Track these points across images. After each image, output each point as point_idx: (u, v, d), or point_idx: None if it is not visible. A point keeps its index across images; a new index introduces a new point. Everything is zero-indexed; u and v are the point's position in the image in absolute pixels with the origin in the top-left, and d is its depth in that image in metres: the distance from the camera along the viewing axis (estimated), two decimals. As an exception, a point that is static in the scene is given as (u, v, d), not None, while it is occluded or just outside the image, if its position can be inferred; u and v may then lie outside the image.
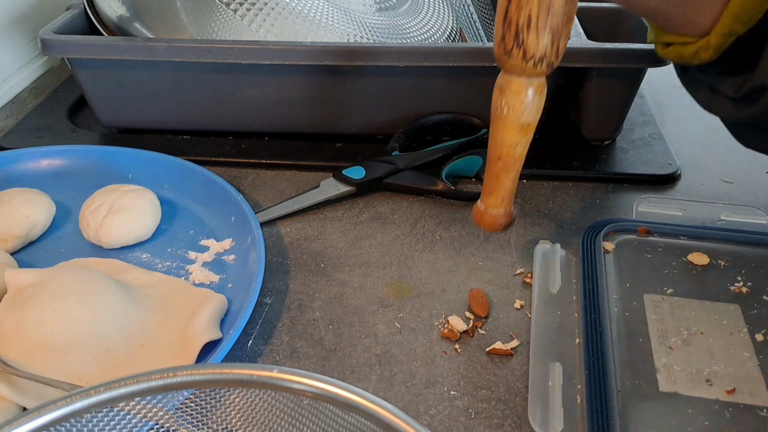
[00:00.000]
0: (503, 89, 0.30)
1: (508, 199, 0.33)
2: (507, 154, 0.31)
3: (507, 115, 0.30)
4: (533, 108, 0.30)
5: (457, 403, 0.32)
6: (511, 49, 0.29)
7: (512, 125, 0.31)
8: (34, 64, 0.67)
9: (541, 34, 0.28)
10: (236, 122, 0.53)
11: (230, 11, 0.49)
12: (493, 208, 0.33)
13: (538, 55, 0.29)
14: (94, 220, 0.41)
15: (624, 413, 0.30)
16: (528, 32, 0.28)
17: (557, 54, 0.29)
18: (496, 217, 0.33)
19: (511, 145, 0.31)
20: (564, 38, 0.29)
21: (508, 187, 0.33)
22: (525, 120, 0.30)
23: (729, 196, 0.47)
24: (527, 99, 0.30)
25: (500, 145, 0.31)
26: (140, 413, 0.25)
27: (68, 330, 0.33)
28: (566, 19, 0.28)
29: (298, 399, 0.25)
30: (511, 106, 0.30)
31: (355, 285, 0.40)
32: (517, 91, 0.30)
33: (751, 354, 0.33)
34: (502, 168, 0.32)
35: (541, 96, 0.30)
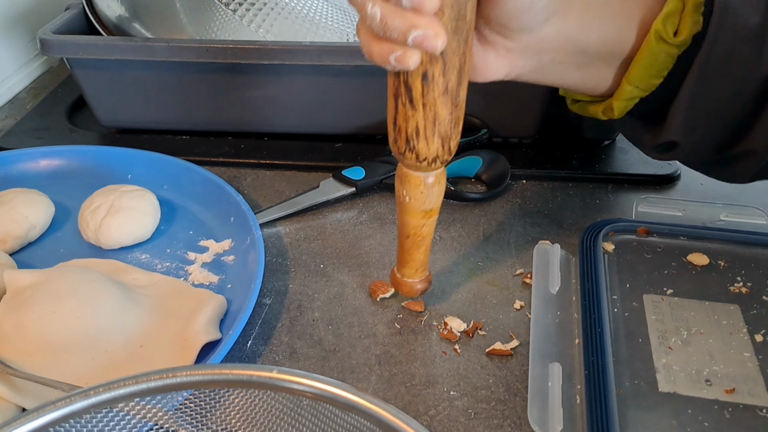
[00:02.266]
0: (403, 181, 0.32)
1: (421, 268, 0.36)
2: (414, 234, 0.33)
3: (409, 203, 0.32)
4: (433, 196, 0.32)
5: (457, 403, 0.32)
6: (404, 152, 0.30)
7: (415, 212, 0.32)
8: (33, 64, 0.67)
9: (430, 141, 0.29)
10: (236, 122, 0.53)
11: (229, 11, 0.49)
12: (408, 277, 0.36)
13: (430, 157, 0.30)
14: (94, 220, 0.41)
15: (623, 413, 0.30)
16: (418, 140, 0.29)
17: (450, 152, 0.30)
18: (411, 285, 0.36)
19: (417, 227, 0.33)
20: (455, 138, 0.30)
21: (420, 259, 0.35)
22: (426, 207, 0.32)
23: (729, 196, 0.47)
24: (426, 189, 0.31)
25: (406, 227, 0.33)
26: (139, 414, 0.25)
27: (67, 330, 0.33)
28: (454, 125, 0.29)
29: (298, 399, 0.25)
30: (411, 196, 0.32)
31: (355, 285, 0.40)
32: (416, 184, 0.31)
33: (751, 354, 0.33)
34: (412, 245, 0.34)
35: (440, 185, 0.32)
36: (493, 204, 0.46)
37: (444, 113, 0.28)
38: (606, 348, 0.33)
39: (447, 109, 0.28)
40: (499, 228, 0.44)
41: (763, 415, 0.30)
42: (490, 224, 0.45)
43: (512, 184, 0.48)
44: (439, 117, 0.28)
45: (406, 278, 0.36)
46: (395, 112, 0.28)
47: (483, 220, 0.45)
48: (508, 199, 0.47)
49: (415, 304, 0.38)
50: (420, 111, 0.28)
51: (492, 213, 0.46)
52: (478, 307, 0.38)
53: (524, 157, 0.51)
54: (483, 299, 0.38)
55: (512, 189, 0.48)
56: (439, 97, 0.27)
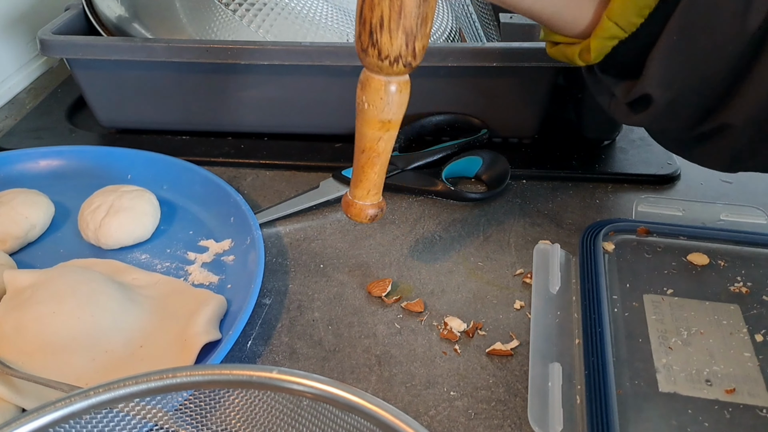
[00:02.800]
0: (363, 85, 0.30)
1: (374, 191, 0.34)
2: (370, 148, 0.32)
3: (367, 110, 0.30)
4: (394, 105, 0.30)
5: (457, 403, 0.32)
6: (367, 47, 0.29)
7: (373, 121, 0.31)
8: (33, 65, 0.67)
9: (394, 35, 0.28)
10: (235, 123, 0.53)
11: (229, 11, 0.49)
12: (359, 199, 0.34)
13: (393, 55, 0.29)
14: (93, 220, 0.41)
15: (623, 414, 0.30)
16: (381, 32, 0.28)
17: (414, 54, 0.29)
18: (362, 207, 0.34)
19: (374, 139, 0.31)
20: (420, 39, 0.29)
21: (374, 180, 0.33)
22: (385, 116, 0.31)
23: (729, 196, 0.47)
24: (387, 96, 0.30)
25: (363, 139, 0.32)
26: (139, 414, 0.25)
27: (67, 331, 0.33)
28: (421, 21, 0.28)
29: (298, 400, 0.25)
30: (370, 102, 0.30)
31: (355, 285, 0.40)
32: (376, 89, 0.30)
33: (751, 354, 0.33)
34: (366, 161, 0.32)
35: (402, 94, 0.30)
36: (493, 204, 0.46)
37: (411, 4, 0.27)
38: (606, 348, 0.33)
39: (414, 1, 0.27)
40: (499, 228, 0.44)
41: (763, 415, 0.30)
42: (490, 224, 0.45)
43: (512, 184, 0.48)
44: (405, 8, 0.27)
45: (357, 200, 0.34)
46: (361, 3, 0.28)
47: (483, 220, 0.45)
48: (508, 199, 0.47)
49: (415, 305, 0.38)
50: None
51: (492, 213, 0.46)
52: (478, 307, 0.38)
53: (524, 157, 0.51)
54: (483, 299, 0.38)
55: (512, 189, 0.48)
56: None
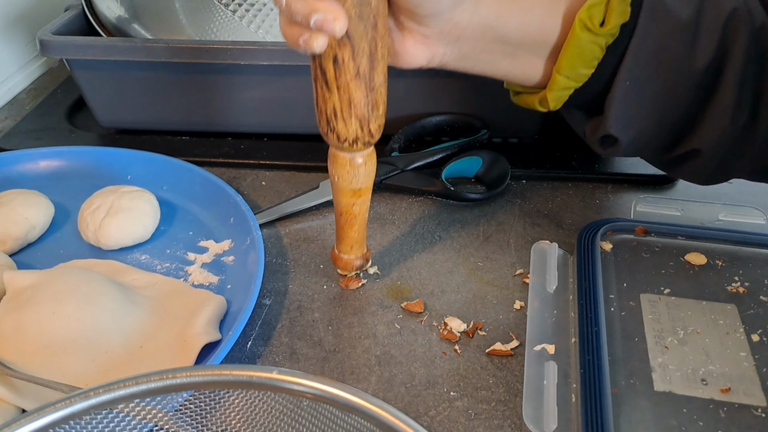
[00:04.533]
0: (331, 161, 0.33)
1: (357, 246, 0.37)
2: (346, 212, 0.35)
3: (338, 183, 0.33)
4: (361, 176, 0.33)
5: (457, 404, 0.32)
6: (326, 132, 0.31)
7: (344, 191, 0.34)
8: (33, 65, 0.67)
9: (348, 122, 0.30)
10: (235, 123, 0.53)
11: (229, 12, 0.49)
12: (344, 253, 0.38)
13: (350, 138, 0.31)
14: (93, 221, 0.41)
15: (619, 412, 0.30)
16: (336, 121, 0.30)
17: (371, 134, 0.31)
18: (347, 261, 0.38)
19: (348, 205, 0.34)
20: (375, 121, 0.31)
21: (354, 237, 0.36)
22: (355, 186, 0.33)
23: (728, 196, 0.47)
24: (354, 169, 0.33)
25: (339, 205, 0.35)
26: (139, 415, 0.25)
27: (67, 331, 0.33)
28: (371, 107, 0.30)
29: (298, 400, 0.25)
30: (339, 175, 0.33)
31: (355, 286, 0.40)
32: (342, 164, 0.33)
33: (747, 354, 0.33)
34: (345, 222, 0.35)
35: (368, 165, 0.33)
36: (493, 204, 0.46)
37: (359, 96, 0.29)
38: (602, 347, 0.33)
39: (361, 92, 0.29)
40: (499, 228, 0.44)
41: (758, 414, 0.30)
42: (490, 224, 0.45)
43: (512, 185, 0.48)
44: (354, 100, 0.29)
45: (342, 254, 0.37)
46: (316, 95, 0.30)
47: (483, 220, 0.45)
48: (508, 199, 0.47)
49: (415, 305, 0.38)
50: (335, 93, 0.29)
51: (492, 213, 0.46)
52: (478, 307, 0.38)
53: (524, 158, 0.51)
54: (483, 299, 0.38)
55: (512, 189, 0.48)
56: (352, 81, 0.29)
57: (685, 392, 0.31)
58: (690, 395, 0.31)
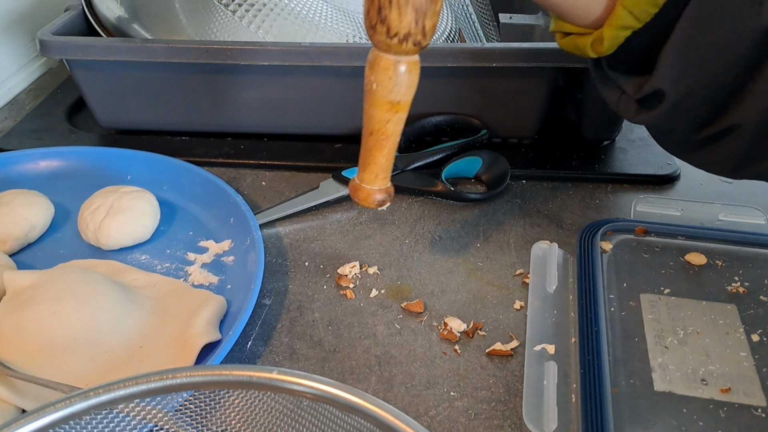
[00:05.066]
0: (372, 65, 0.29)
1: (383, 175, 0.33)
2: (378, 130, 0.31)
3: (376, 91, 0.29)
4: (403, 86, 0.29)
5: (457, 404, 0.32)
6: (375, 24, 0.28)
7: (381, 102, 0.30)
8: (33, 66, 0.67)
9: (403, 11, 0.27)
10: (235, 123, 0.53)
11: (229, 12, 0.49)
12: (367, 183, 0.33)
13: (402, 33, 0.28)
14: (93, 221, 0.41)
15: (619, 412, 0.30)
16: (390, 8, 0.27)
17: (424, 33, 0.28)
18: (369, 192, 0.33)
19: (382, 121, 0.30)
20: (430, 17, 0.28)
21: (382, 163, 0.32)
22: (394, 97, 0.30)
23: (728, 196, 0.47)
24: (396, 76, 0.29)
25: (371, 121, 0.31)
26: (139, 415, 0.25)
27: (67, 331, 0.33)
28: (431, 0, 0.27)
29: (298, 400, 0.25)
30: (379, 82, 0.29)
31: (355, 285, 0.40)
32: (385, 68, 0.29)
33: (747, 354, 0.33)
34: (375, 144, 0.31)
35: (411, 74, 0.29)
36: (493, 204, 0.46)
37: None
38: (602, 347, 0.33)
39: None
40: (499, 228, 0.44)
41: (758, 414, 0.30)
42: (490, 224, 0.45)
43: (512, 185, 0.48)
44: None
45: (364, 184, 0.33)
46: None
47: (483, 220, 0.45)
48: (508, 199, 0.47)
49: (415, 305, 0.38)
50: None
51: (492, 213, 0.46)
52: (478, 308, 0.38)
53: (524, 158, 0.51)
54: (483, 299, 0.38)
55: (512, 189, 0.48)
56: None
57: (685, 392, 0.31)
58: (690, 395, 0.31)
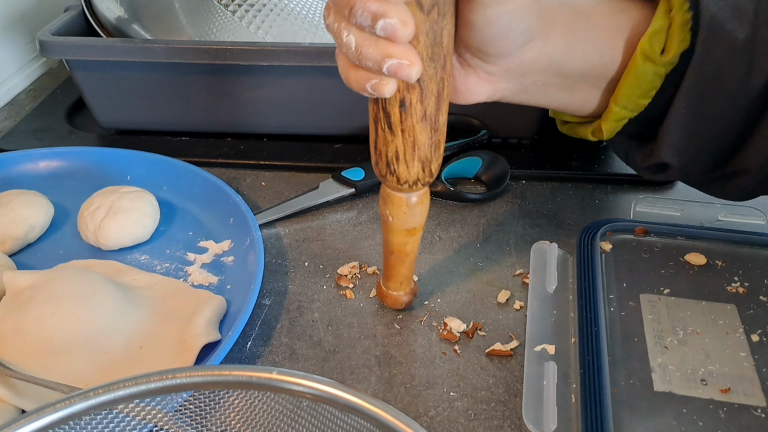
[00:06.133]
0: (386, 201, 0.32)
1: (405, 282, 0.36)
2: (399, 251, 0.34)
3: (393, 223, 0.32)
4: (416, 215, 0.32)
5: (457, 404, 0.32)
6: (385, 174, 0.30)
7: (398, 231, 0.33)
8: (33, 66, 0.67)
9: (410, 165, 0.29)
10: (235, 123, 0.53)
11: (228, 12, 0.49)
12: (393, 290, 0.36)
13: (411, 180, 0.30)
14: (93, 221, 0.41)
15: (618, 413, 0.30)
16: (398, 164, 0.29)
17: (431, 175, 0.30)
18: (396, 297, 0.37)
19: (401, 244, 0.33)
20: (436, 161, 0.30)
21: (404, 274, 0.35)
22: (409, 225, 0.32)
23: (726, 196, 0.47)
24: (409, 209, 0.31)
25: (390, 244, 0.34)
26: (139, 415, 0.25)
27: (67, 332, 0.33)
28: (434, 148, 0.29)
29: (298, 401, 0.25)
30: (394, 216, 0.32)
31: (354, 286, 0.40)
32: (398, 204, 0.31)
33: (747, 354, 0.33)
34: (396, 261, 0.34)
35: (423, 204, 0.32)
36: (493, 204, 0.46)
37: (423, 138, 0.28)
38: (602, 347, 0.33)
39: (426, 134, 0.28)
40: (498, 228, 0.44)
41: (758, 414, 0.30)
42: (490, 225, 0.45)
43: (512, 185, 0.48)
44: (418, 142, 0.28)
45: (391, 291, 0.36)
46: (375, 137, 0.29)
47: (483, 220, 0.45)
48: (508, 199, 0.47)
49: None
50: (399, 136, 0.28)
51: (492, 213, 0.46)
52: (477, 308, 0.38)
53: (524, 158, 0.51)
54: (483, 299, 0.38)
55: (512, 189, 0.48)
56: (418, 123, 0.27)
57: (685, 392, 0.31)
58: (690, 395, 0.31)
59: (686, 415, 0.30)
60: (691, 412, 0.30)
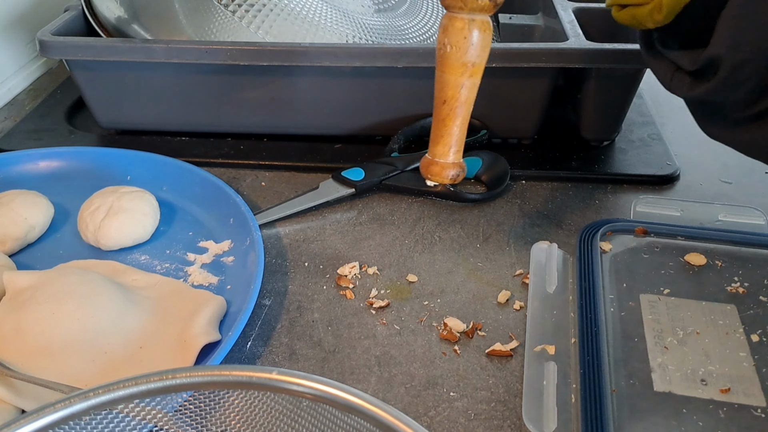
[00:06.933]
0: (446, 28, 0.29)
1: (456, 147, 0.32)
2: (452, 97, 0.30)
3: (450, 53, 0.29)
4: (478, 46, 0.29)
5: (457, 404, 0.32)
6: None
7: (456, 64, 0.30)
8: (33, 66, 0.67)
9: None
10: (235, 123, 0.53)
11: (228, 12, 0.49)
12: (440, 157, 0.32)
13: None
14: (93, 221, 0.41)
15: (618, 413, 0.30)
16: None
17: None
18: (443, 166, 0.32)
19: (456, 86, 0.30)
20: None
21: (456, 135, 0.32)
22: (469, 59, 0.30)
23: (728, 196, 0.47)
24: (471, 36, 0.29)
25: (445, 88, 0.30)
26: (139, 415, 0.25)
27: (67, 332, 0.33)
28: None
29: (298, 401, 0.25)
30: (453, 44, 0.29)
31: (354, 286, 0.40)
32: (460, 28, 0.29)
33: (747, 354, 0.33)
34: (448, 113, 0.31)
35: (485, 34, 0.30)
36: (493, 205, 0.46)
37: None
38: (602, 347, 0.33)
39: None
40: (498, 228, 0.44)
41: (757, 414, 0.30)
42: (490, 225, 0.45)
43: (512, 185, 0.48)
44: None
45: (437, 158, 0.32)
46: None
47: (483, 220, 0.45)
48: (508, 199, 0.47)
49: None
50: None
51: (492, 214, 0.46)
52: (477, 308, 0.38)
53: (524, 158, 0.51)
54: (483, 299, 0.38)
55: (512, 190, 0.48)
56: None
57: (685, 392, 0.31)
58: (689, 395, 0.31)
59: (686, 415, 0.30)
60: (691, 412, 0.30)
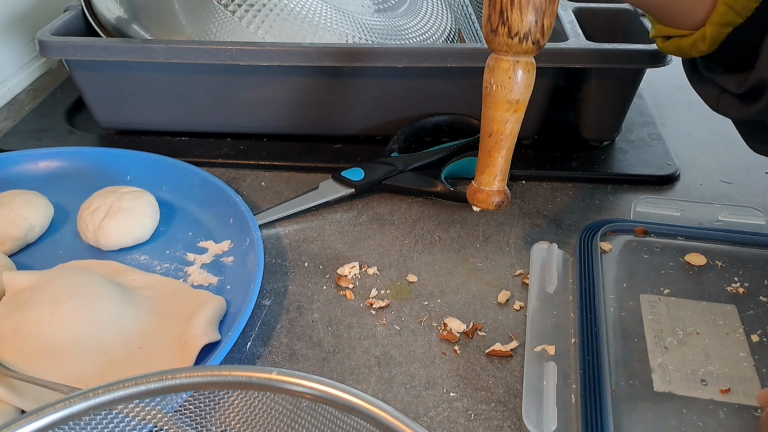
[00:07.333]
0: (492, 69, 0.31)
1: (501, 176, 0.34)
2: (497, 131, 0.33)
3: (496, 92, 0.31)
4: (522, 85, 0.31)
5: (457, 404, 0.32)
6: (497, 27, 0.30)
7: (501, 102, 0.32)
8: (32, 66, 0.67)
9: (524, 11, 0.29)
10: (235, 124, 0.53)
11: (228, 12, 0.49)
12: (486, 185, 0.34)
13: (522, 32, 0.30)
14: (93, 222, 0.41)
15: (618, 413, 0.30)
16: (512, 10, 0.29)
17: (542, 32, 0.30)
18: (489, 194, 0.34)
19: (501, 122, 0.32)
20: (549, 17, 0.30)
21: (500, 165, 0.34)
22: (514, 96, 0.32)
23: (728, 196, 0.47)
24: (516, 76, 0.31)
25: (491, 123, 0.32)
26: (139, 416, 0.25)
27: (66, 332, 0.33)
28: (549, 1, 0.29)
29: (297, 401, 0.25)
30: (499, 83, 0.31)
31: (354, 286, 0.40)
32: (505, 69, 0.31)
33: (747, 354, 0.33)
34: (494, 145, 0.33)
35: (529, 74, 0.31)
36: (492, 205, 0.46)
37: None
38: (602, 347, 0.33)
39: None
40: (498, 229, 0.44)
41: (758, 415, 0.30)
42: (490, 225, 0.45)
43: (512, 185, 0.48)
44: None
45: (483, 186, 0.34)
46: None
47: (483, 220, 0.45)
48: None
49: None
50: None
51: (492, 214, 0.46)
52: (477, 308, 0.38)
53: (524, 158, 0.51)
54: (483, 300, 0.38)
55: (512, 190, 0.48)
56: None
57: (685, 393, 0.31)
58: (690, 396, 0.31)
59: (686, 415, 0.30)
60: (691, 413, 0.30)
